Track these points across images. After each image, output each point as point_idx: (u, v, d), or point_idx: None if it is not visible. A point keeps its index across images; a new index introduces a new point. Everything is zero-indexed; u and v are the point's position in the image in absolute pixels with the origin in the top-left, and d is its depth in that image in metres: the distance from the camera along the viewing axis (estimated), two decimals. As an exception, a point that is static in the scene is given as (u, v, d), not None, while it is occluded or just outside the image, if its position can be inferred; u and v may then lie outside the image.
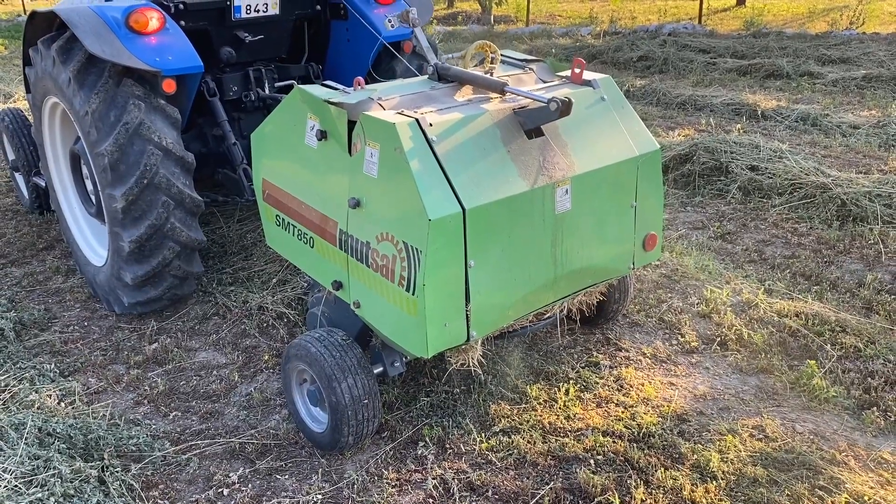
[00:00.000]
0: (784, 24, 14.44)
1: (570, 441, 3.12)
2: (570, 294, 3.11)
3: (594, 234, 3.05)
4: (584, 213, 2.96)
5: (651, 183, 3.19)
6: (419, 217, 2.51)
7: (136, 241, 3.86)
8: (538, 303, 2.97)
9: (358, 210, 2.78)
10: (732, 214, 5.51)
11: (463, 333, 2.71)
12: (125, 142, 3.73)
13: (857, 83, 9.02)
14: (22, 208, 6.00)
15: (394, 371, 3.20)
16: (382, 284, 2.75)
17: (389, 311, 2.76)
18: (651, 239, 3.27)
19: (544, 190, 2.81)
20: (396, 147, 2.57)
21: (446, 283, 2.61)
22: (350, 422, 2.95)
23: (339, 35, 5.00)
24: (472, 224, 2.60)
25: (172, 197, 3.87)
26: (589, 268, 3.09)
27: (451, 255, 2.59)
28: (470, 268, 2.64)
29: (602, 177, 3.00)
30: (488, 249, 2.69)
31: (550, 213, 2.85)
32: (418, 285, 2.56)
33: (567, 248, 2.96)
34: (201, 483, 3.01)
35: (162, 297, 4.18)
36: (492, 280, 2.73)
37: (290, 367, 3.18)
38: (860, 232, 5.01)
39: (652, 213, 3.25)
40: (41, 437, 2.98)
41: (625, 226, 3.16)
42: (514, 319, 2.91)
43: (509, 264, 2.77)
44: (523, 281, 2.85)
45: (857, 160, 6.41)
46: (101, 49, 3.65)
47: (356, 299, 2.93)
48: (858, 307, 4.13)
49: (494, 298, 2.77)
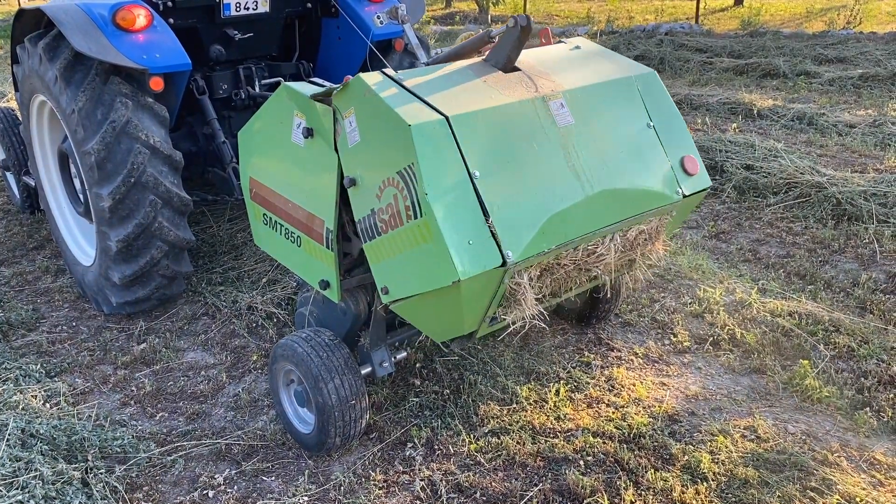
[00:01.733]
0: (781, 23, 14.41)
1: (559, 442, 3.08)
2: (618, 222, 2.78)
3: (614, 150, 2.83)
4: (593, 129, 2.79)
5: (661, 103, 3.02)
6: (401, 130, 2.39)
7: (124, 240, 3.82)
8: (578, 227, 2.66)
9: (356, 189, 2.66)
10: (727, 213, 5.48)
11: (495, 253, 2.42)
12: (112, 140, 3.69)
13: (854, 82, 8.99)
14: (13, 208, 5.96)
15: (382, 371, 3.16)
16: (396, 240, 2.54)
17: (412, 263, 2.51)
18: (689, 161, 2.99)
19: (534, 102, 2.69)
20: (365, 90, 2.53)
21: (452, 194, 2.40)
22: (337, 423, 2.91)
23: (330, 33, 4.96)
24: (461, 132, 2.47)
25: (160, 196, 3.83)
26: (626, 190, 2.80)
27: (447, 163, 2.42)
28: (476, 178, 2.45)
29: (598, 92, 2.87)
30: (491, 159, 2.51)
31: (552, 126, 2.69)
32: (421, 198, 2.36)
33: (587, 163, 2.72)
34: (186, 484, 2.97)
35: (150, 296, 4.14)
36: (508, 192, 2.51)
37: (277, 367, 3.15)
38: (855, 231, 4.97)
39: (677, 133, 3.02)
40: (24, 438, 2.94)
41: (650, 146, 2.92)
42: (554, 245, 2.58)
43: (523, 177, 2.57)
44: (547, 197, 2.60)
45: (852, 159, 6.38)
46: (88, 46, 3.61)
47: (383, 285, 2.68)
48: (852, 307, 4.10)
49: (519, 214, 2.51)
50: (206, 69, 4.67)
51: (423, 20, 17.87)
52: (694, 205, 3.12)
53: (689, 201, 3.02)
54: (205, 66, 4.67)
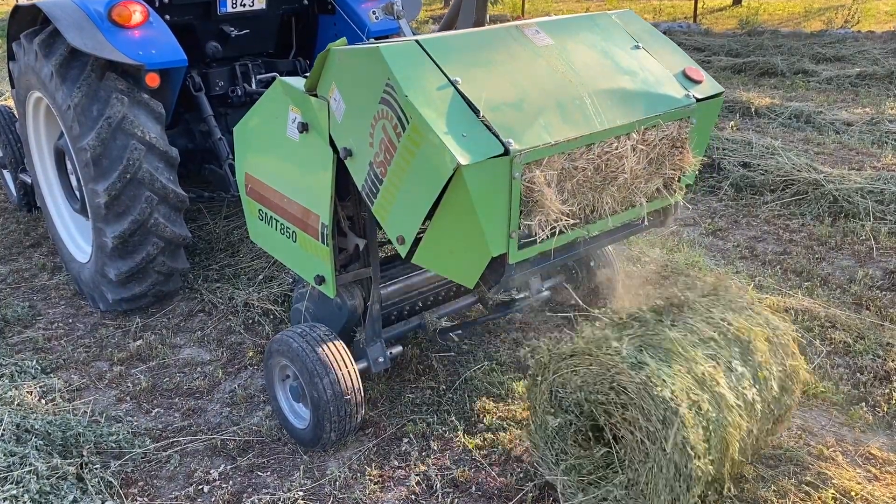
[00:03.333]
0: (779, 22, 14.42)
1: (555, 437, 3.08)
2: (628, 123, 2.60)
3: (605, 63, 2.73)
4: (573, 47, 2.72)
5: (648, 32, 2.95)
6: (375, 61, 2.38)
7: (120, 236, 3.81)
8: (585, 125, 2.50)
9: (352, 158, 2.62)
10: (724, 211, 5.48)
11: (495, 142, 2.30)
12: (108, 136, 3.69)
13: (852, 81, 8.98)
14: (10, 206, 5.95)
15: (378, 367, 3.15)
16: (395, 174, 2.44)
17: (414, 187, 2.40)
18: (692, 71, 2.86)
19: (508, 30, 2.67)
20: (339, 55, 2.57)
21: (436, 97, 2.33)
22: (332, 418, 2.91)
23: (326, 30, 4.96)
24: (433, 50, 2.44)
25: (156, 192, 3.82)
26: (631, 92, 2.67)
27: (425, 74, 2.37)
28: (457, 84, 2.38)
29: (572, 24, 2.83)
30: (469, 67, 2.45)
31: (529, 45, 2.64)
32: (405, 105, 2.30)
33: (577, 68, 2.64)
34: (181, 480, 2.97)
35: (146, 293, 4.13)
36: (496, 93, 2.43)
37: (272, 362, 3.15)
38: (852, 228, 4.97)
39: (670, 52, 2.92)
40: (18, 433, 2.94)
41: (643, 62, 2.81)
42: (560, 138, 2.42)
43: (509, 81, 2.49)
44: (542, 93, 2.50)
45: (849, 157, 6.38)
46: (84, 43, 3.61)
47: (398, 234, 2.54)
48: (849, 303, 4.10)
49: (512, 109, 2.42)
50: (202, 66, 4.67)
51: (421, 20, 17.86)
52: (714, 115, 2.93)
53: (707, 109, 2.85)
54: (201, 62, 4.67)
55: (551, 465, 2.56)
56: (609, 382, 2.30)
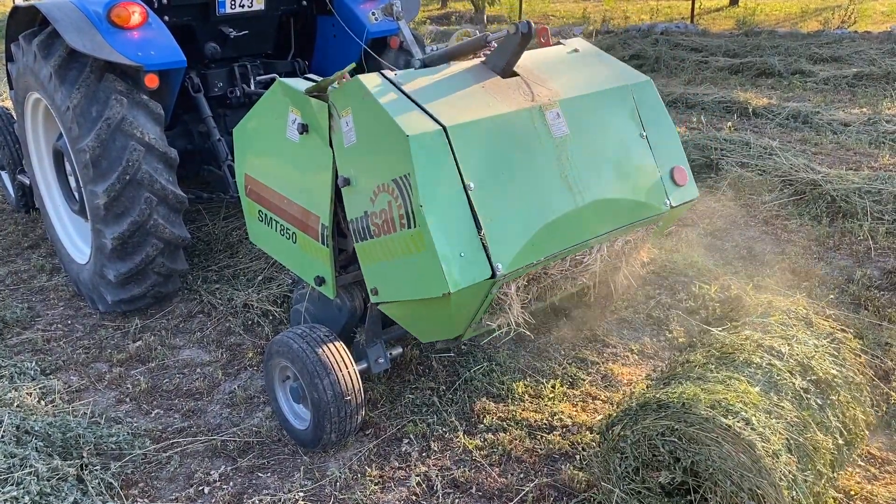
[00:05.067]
0: (776, 23, 14.45)
1: (555, 437, 3.08)
2: (605, 233, 2.83)
3: (607, 162, 2.87)
4: (587, 139, 2.83)
5: (655, 112, 3.06)
6: (399, 140, 2.41)
7: (119, 238, 3.81)
8: (567, 239, 2.70)
9: (349, 188, 2.69)
10: (722, 211, 5.49)
11: (485, 266, 2.46)
12: (107, 138, 3.69)
13: (849, 81, 9.01)
14: (8, 207, 5.95)
15: (378, 368, 3.15)
16: (388, 244, 2.57)
17: (403, 270, 2.55)
18: (678, 172, 3.05)
19: (531, 112, 2.71)
20: (364, 94, 2.55)
21: (447, 206, 2.43)
22: (332, 419, 2.90)
23: (325, 31, 4.96)
24: (458, 143, 2.48)
25: (155, 193, 3.82)
26: (616, 202, 2.85)
27: (443, 174, 2.45)
28: (470, 190, 2.48)
29: (593, 102, 2.90)
30: (486, 170, 2.53)
31: (547, 136, 2.73)
32: (416, 210, 2.40)
33: (579, 175, 2.76)
34: (182, 481, 2.97)
35: (146, 294, 4.13)
36: (501, 204, 2.54)
37: (272, 363, 3.14)
38: (850, 228, 4.99)
39: (668, 144, 3.07)
40: (18, 435, 2.94)
41: (641, 156, 2.97)
42: (543, 257, 2.62)
43: (516, 188, 2.60)
44: (539, 209, 2.64)
45: (847, 157, 6.40)
46: (82, 44, 3.61)
47: (373, 286, 2.74)
48: (847, 303, 4.11)
49: (511, 226, 2.55)
50: (201, 67, 4.67)
51: (418, 20, 17.88)
52: (679, 214, 3.14)
53: (676, 212, 3.08)
54: (200, 63, 4.67)
55: None
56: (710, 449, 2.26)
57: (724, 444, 2.18)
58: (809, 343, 2.67)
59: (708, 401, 2.28)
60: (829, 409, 2.48)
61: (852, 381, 2.68)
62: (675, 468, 2.29)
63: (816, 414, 2.42)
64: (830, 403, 2.56)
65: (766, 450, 2.15)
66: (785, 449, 2.22)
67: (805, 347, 2.62)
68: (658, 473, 2.34)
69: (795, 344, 2.63)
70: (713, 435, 2.20)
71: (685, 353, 2.79)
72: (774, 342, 2.62)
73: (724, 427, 2.20)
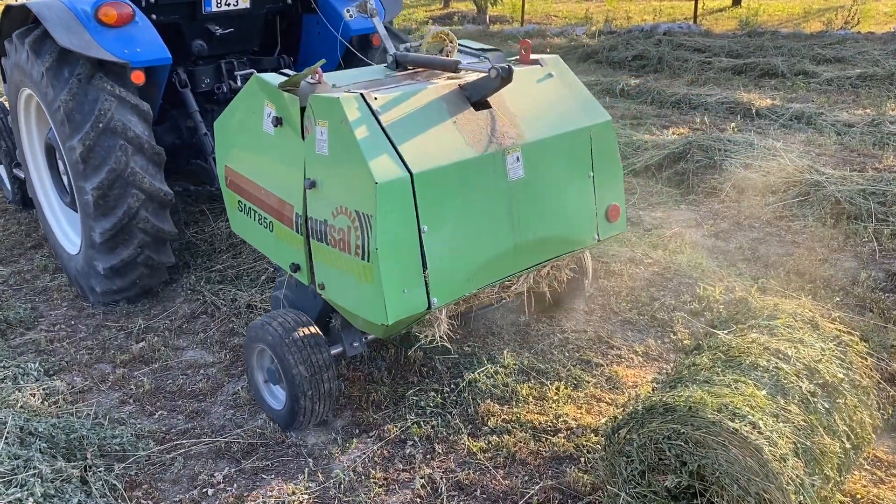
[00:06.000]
0: (779, 23, 14.43)
1: (560, 440, 3.07)
2: (535, 265, 3.09)
3: (552, 202, 3.05)
4: (539, 182, 2.99)
5: (607, 153, 3.21)
6: (367, 183, 2.55)
7: (107, 232, 3.94)
8: (500, 272, 2.95)
9: (314, 191, 2.83)
10: (726, 212, 5.48)
11: (423, 300, 2.70)
12: (96, 136, 3.80)
13: (852, 82, 8.99)
14: (11, 207, 5.95)
15: (353, 351, 3.27)
16: (341, 259, 2.77)
17: (350, 285, 2.78)
18: (613, 210, 3.26)
19: (494, 157, 2.84)
20: (342, 119, 2.64)
21: (400, 248, 2.62)
22: (306, 400, 3.04)
23: (310, 28, 5.09)
24: (421, 189, 2.63)
25: (143, 190, 3.94)
26: (551, 237, 3.08)
27: (403, 219, 2.61)
28: (424, 233, 2.66)
29: (553, 145, 3.03)
30: (441, 215, 2.71)
31: (503, 179, 2.88)
32: (371, 251, 2.59)
33: (524, 215, 2.95)
34: (186, 482, 2.96)
35: (133, 285, 4.25)
36: (448, 246, 2.74)
37: (250, 347, 3.26)
38: (854, 230, 4.97)
39: (612, 183, 3.25)
40: (22, 436, 2.93)
41: (584, 196, 3.16)
42: (476, 288, 2.88)
43: (464, 230, 2.79)
44: (481, 248, 2.85)
45: (851, 158, 6.39)
46: (71, 41, 3.73)
47: (321, 281, 2.95)
48: (852, 305, 4.10)
49: (453, 265, 2.77)
50: (188, 64, 4.80)
51: (420, 20, 17.88)
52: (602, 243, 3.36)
53: (601, 242, 3.31)
54: (187, 60, 4.80)
55: None
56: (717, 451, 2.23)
57: (732, 448, 2.17)
58: (816, 346, 2.65)
59: (715, 404, 2.27)
60: (835, 412, 2.47)
61: (859, 384, 2.67)
62: (682, 472, 2.29)
63: (823, 417, 2.41)
64: (837, 407, 2.55)
65: (773, 454, 2.14)
66: (792, 453, 2.21)
67: (811, 350, 2.61)
68: (664, 477, 2.33)
69: (802, 347, 2.62)
70: (720, 439, 2.19)
71: (691, 356, 2.78)
72: (781, 345, 2.60)
73: (732, 431, 2.19)
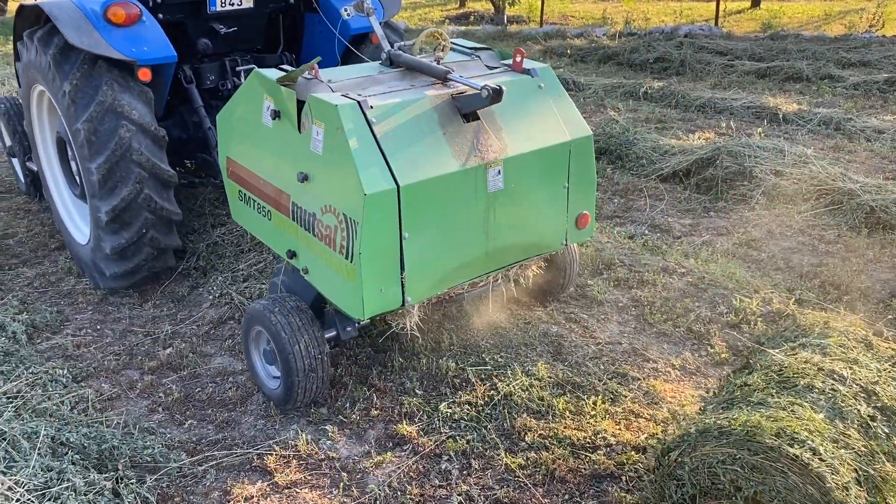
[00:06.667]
0: (799, 26, 14.28)
1: (599, 457, 3.00)
2: (504, 267, 3.31)
3: (526, 212, 3.23)
4: (516, 193, 3.15)
5: (583, 166, 3.36)
6: (357, 191, 2.72)
7: (113, 210, 4.04)
8: (471, 273, 3.17)
9: (306, 184, 2.99)
10: (757, 220, 5.39)
11: (398, 299, 2.93)
12: (99, 117, 3.93)
13: (879, 87, 8.87)
14: (34, 207, 5.93)
15: (346, 335, 3.36)
16: (326, 252, 2.96)
17: (332, 277, 2.98)
18: (583, 218, 3.45)
19: (476, 170, 3.00)
20: (338, 127, 2.78)
21: (382, 253, 2.82)
22: (300, 380, 3.17)
23: (312, 27, 5.19)
24: (406, 200, 2.80)
25: (146, 169, 4.05)
26: (521, 244, 3.28)
27: (387, 227, 2.80)
28: (404, 239, 2.85)
29: (534, 159, 3.17)
30: (422, 224, 2.89)
31: (483, 191, 3.04)
32: (355, 254, 2.78)
33: (499, 224, 3.14)
34: (218, 496, 2.91)
35: (140, 268, 4.35)
36: (425, 251, 2.94)
37: (248, 329, 3.39)
38: (890, 240, 4.88)
39: (584, 193, 3.42)
40: (54, 446, 2.89)
41: (557, 205, 3.34)
42: (448, 287, 3.11)
43: (442, 238, 2.98)
44: (456, 253, 3.06)
45: (883, 165, 6.28)
46: (80, 40, 3.85)
47: (305, 266, 3.18)
48: (893, 319, 4.00)
49: (429, 268, 2.98)
50: (194, 61, 4.89)
51: (437, 20, 17.81)
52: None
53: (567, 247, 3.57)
54: (193, 58, 4.88)
55: None
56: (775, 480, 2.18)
57: (791, 475, 2.10)
58: (871, 367, 2.57)
59: (772, 428, 2.20)
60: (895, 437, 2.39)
61: None
62: (737, 498, 2.21)
63: (884, 443, 2.32)
64: None
65: (836, 482, 2.06)
66: (854, 481, 2.13)
67: (868, 371, 2.53)
68: (717, 502, 2.26)
69: (857, 368, 2.53)
70: (779, 465, 2.12)
71: (741, 376, 2.70)
72: (836, 366, 2.52)
73: (791, 457, 2.11)
